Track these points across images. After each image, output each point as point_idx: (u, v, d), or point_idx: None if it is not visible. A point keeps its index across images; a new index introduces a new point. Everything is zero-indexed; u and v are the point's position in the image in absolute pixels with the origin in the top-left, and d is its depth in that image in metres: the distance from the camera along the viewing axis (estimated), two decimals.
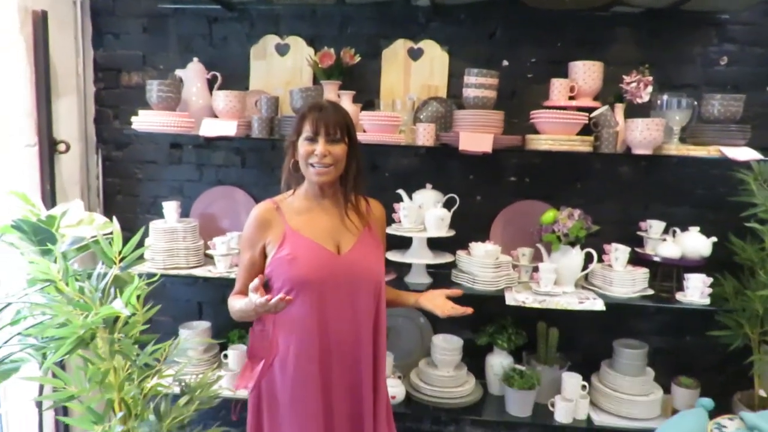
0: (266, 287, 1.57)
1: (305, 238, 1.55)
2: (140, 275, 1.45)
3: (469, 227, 2.32)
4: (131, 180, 2.53)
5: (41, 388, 1.72)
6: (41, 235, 1.66)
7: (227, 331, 2.45)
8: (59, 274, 1.34)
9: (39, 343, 1.55)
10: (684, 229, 2.23)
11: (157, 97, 2.11)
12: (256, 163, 2.48)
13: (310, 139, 1.51)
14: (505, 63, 2.34)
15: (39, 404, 1.73)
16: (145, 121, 2.12)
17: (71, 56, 2.23)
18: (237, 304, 1.55)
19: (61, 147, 2.22)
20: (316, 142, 1.51)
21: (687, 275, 2.16)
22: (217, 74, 2.32)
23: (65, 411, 2.33)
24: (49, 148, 2.16)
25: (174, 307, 2.57)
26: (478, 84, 2.08)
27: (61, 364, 1.44)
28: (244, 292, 1.54)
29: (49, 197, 2.16)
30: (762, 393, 2.19)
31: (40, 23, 2.07)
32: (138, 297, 1.38)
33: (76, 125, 2.28)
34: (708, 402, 2.06)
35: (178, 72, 2.34)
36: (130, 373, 1.50)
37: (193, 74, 2.30)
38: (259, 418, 1.63)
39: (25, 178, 2.07)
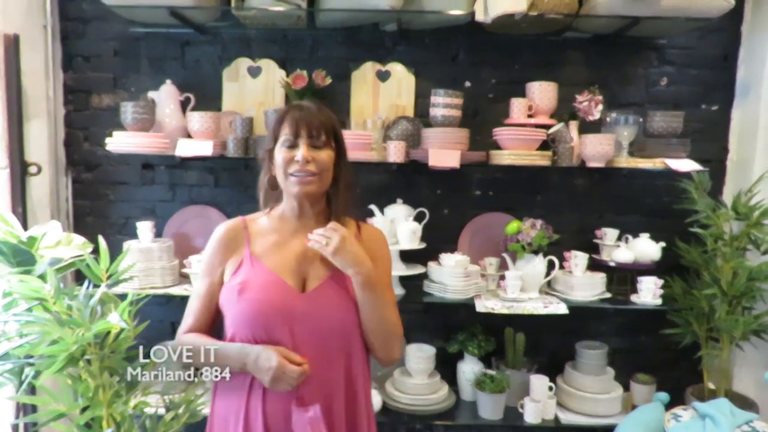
0: (219, 336, 1.36)
1: (263, 266, 1.28)
2: (119, 295, 1.48)
3: (438, 239, 2.42)
4: (102, 201, 2.52)
5: (18, 410, 1.70)
6: (20, 257, 1.67)
7: None
8: (51, 292, 1.35)
9: (18, 365, 1.55)
10: (636, 235, 2.41)
11: (132, 118, 2.14)
12: (230, 182, 2.52)
13: (290, 144, 1.26)
14: (468, 84, 2.48)
15: (15, 427, 1.71)
16: (120, 142, 2.14)
17: (41, 79, 2.24)
18: (229, 349, 1.26)
19: (33, 169, 2.21)
20: (296, 147, 1.25)
21: (640, 278, 2.32)
22: (191, 96, 2.36)
23: None
24: (21, 170, 2.16)
25: (147, 327, 2.54)
26: (445, 104, 2.21)
27: (32, 387, 1.45)
28: (200, 329, 1.36)
29: (21, 220, 2.14)
30: (711, 386, 2.37)
31: (12, 47, 2.08)
32: (129, 312, 1.41)
33: (47, 148, 2.27)
34: (664, 396, 2.23)
35: (151, 94, 2.37)
36: (117, 390, 1.51)
37: (166, 96, 2.33)
38: None
39: None
